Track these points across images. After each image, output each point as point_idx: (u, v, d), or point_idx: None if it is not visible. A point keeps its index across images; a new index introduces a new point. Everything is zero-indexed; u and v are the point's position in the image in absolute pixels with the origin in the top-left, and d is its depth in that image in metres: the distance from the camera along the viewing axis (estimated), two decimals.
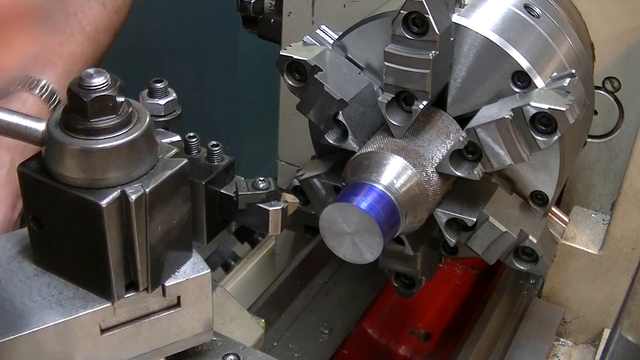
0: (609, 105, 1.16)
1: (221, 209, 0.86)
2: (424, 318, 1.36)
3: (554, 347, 1.26)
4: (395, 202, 0.88)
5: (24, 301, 0.80)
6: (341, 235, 0.87)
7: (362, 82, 0.97)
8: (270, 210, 0.84)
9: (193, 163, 0.84)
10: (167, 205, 0.78)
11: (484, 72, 0.93)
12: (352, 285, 1.38)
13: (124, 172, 0.75)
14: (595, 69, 1.14)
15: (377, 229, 0.84)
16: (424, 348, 1.31)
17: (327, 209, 0.86)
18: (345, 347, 1.27)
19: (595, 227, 1.23)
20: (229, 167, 0.86)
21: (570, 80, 0.88)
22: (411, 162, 0.90)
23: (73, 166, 0.74)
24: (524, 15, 0.99)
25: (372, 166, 0.90)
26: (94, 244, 0.76)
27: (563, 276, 1.24)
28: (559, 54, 0.99)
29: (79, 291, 0.81)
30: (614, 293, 1.20)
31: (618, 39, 1.12)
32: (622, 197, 1.14)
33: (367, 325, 1.33)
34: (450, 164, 0.90)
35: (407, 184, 0.89)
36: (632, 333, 1.02)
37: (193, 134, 0.86)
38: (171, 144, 0.83)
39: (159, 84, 0.88)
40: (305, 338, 1.26)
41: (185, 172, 0.79)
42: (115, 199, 0.74)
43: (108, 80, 0.74)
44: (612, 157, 1.20)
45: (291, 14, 1.34)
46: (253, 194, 0.84)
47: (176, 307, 0.85)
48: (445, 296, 1.41)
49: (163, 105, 0.88)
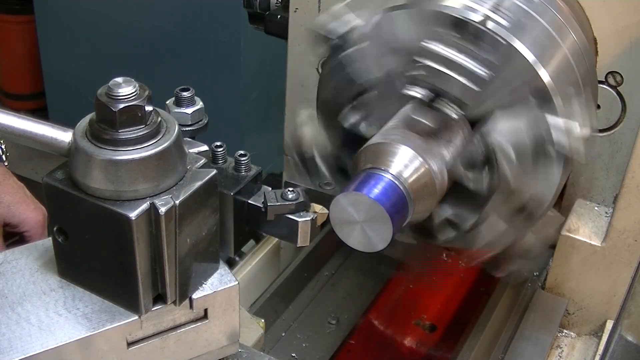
0: (611, 100, 1.17)
1: (249, 219, 0.85)
2: (430, 310, 1.37)
3: (557, 339, 1.27)
4: (404, 191, 0.88)
5: (50, 314, 0.79)
6: (351, 224, 0.87)
7: (388, 65, 0.97)
8: (299, 222, 0.82)
9: (220, 173, 0.82)
10: (196, 217, 0.77)
11: (512, 87, 0.92)
12: (359, 277, 1.41)
13: (153, 184, 0.73)
14: (598, 63, 1.15)
15: (387, 218, 0.85)
16: (430, 339, 1.32)
17: (337, 198, 0.86)
18: (351, 338, 1.29)
19: (598, 219, 1.25)
20: (257, 177, 0.84)
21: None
22: (420, 153, 0.91)
23: (101, 178, 0.72)
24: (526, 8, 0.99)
25: (381, 155, 0.91)
26: (121, 257, 0.75)
27: (566, 268, 1.25)
28: (563, 48, 0.99)
29: (105, 304, 0.80)
30: (617, 285, 1.21)
31: (621, 33, 1.13)
32: (624, 190, 1.15)
33: (373, 317, 1.35)
34: (463, 173, 0.93)
35: (415, 173, 0.90)
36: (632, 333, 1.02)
37: (220, 143, 0.85)
38: (199, 154, 0.82)
39: (186, 92, 0.86)
40: (313, 329, 1.29)
41: (214, 182, 0.78)
42: (145, 212, 0.73)
43: (137, 90, 0.72)
44: (615, 151, 1.21)
45: (297, 10, 1.34)
46: (282, 205, 0.82)
47: (203, 319, 0.84)
48: (450, 288, 1.42)
49: (190, 114, 0.86)
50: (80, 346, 0.77)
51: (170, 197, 0.73)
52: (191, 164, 0.78)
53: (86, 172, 0.73)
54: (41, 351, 0.75)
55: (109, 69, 2.96)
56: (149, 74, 2.75)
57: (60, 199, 0.76)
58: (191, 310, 0.82)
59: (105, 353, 0.79)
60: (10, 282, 0.82)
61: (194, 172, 0.77)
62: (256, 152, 0.92)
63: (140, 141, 0.73)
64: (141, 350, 0.81)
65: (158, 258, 0.76)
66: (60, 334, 0.77)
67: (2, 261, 0.84)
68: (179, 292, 0.79)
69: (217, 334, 0.86)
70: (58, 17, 3.29)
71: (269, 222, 0.83)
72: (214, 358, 0.88)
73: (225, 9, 2.78)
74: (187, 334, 0.84)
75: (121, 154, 0.72)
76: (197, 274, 0.81)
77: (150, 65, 3.03)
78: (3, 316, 0.77)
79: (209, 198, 0.78)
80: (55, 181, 0.76)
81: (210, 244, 0.81)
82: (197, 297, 0.82)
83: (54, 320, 0.78)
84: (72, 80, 3.35)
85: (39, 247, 0.86)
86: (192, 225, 0.76)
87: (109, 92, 0.72)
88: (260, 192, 0.85)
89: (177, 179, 0.75)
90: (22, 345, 0.75)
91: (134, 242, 0.73)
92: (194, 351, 0.85)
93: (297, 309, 1.32)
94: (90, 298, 0.81)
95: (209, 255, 0.82)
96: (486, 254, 1.06)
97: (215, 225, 0.80)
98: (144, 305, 0.78)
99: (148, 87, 0.74)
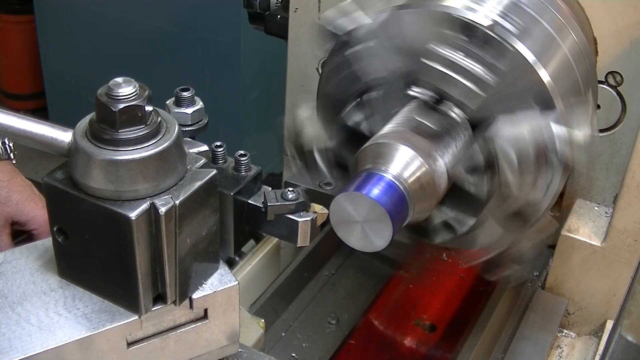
0: (611, 100, 1.17)
1: (249, 219, 0.85)
2: (430, 310, 1.38)
3: (557, 339, 1.27)
4: (404, 191, 0.88)
5: (50, 314, 0.78)
6: (351, 224, 0.87)
7: (394, 65, 0.97)
8: (299, 222, 0.82)
9: (220, 173, 0.82)
10: (196, 217, 0.77)
11: (516, 93, 0.93)
12: (359, 277, 1.41)
13: (153, 184, 0.73)
14: (598, 63, 1.15)
15: (387, 218, 0.85)
16: (430, 339, 1.32)
17: (337, 198, 0.87)
18: (352, 338, 1.29)
19: (598, 219, 1.25)
20: (257, 177, 0.84)
21: None
22: (420, 154, 0.91)
23: (101, 178, 0.72)
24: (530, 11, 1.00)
25: (382, 156, 0.91)
26: (122, 257, 0.75)
27: (566, 268, 1.25)
28: (563, 49, 1.00)
29: (105, 304, 0.80)
30: (617, 285, 1.21)
31: (621, 33, 1.13)
32: (624, 190, 1.15)
33: (373, 317, 1.35)
34: (464, 177, 0.93)
35: (415, 174, 0.90)
36: (632, 333, 1.02)
37: (220, 143, 0.85)
38: (199, 154, 0.81)
39: (186, 92, 0.86)
40: (313, 329, 1.29)
41: (214, 183, 0.78)
42: (145, 212, 0.73)
43: (137, 90, 0.72)
44: (615, 151, 1.22)
45: (297, 10, 1.34)
46: (282, 205, 0.82)
47: (203, 319, 0.84)
48: (450, 288, 1.42)
49: (190, 114, 0.86)
50: (80, 346, 0.77)
51: (170, 197, 0.73)
52: (191, 164, 0.78)
53: (86, 172, 0.73)
54: (41, 351, 0.75)
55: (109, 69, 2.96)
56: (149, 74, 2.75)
57: (60, 199, 0.76)
58: (191, 310, 0.82)
59: (105, 353, 0.79)
60: (10, 282, 0.82)
61: (194, 172, 0.77)
62: (256, 152, 0.92)
63: (140, 141, 0.72)
64: (141, 350, 0.81)
65: (158, 258, 0.76)
66: (60, 334, 0.76)
67: (2, 261, 0.84)
68: (179, 292, 0.79)
69: (217, 334, 0.86)
70: (58, 17, 3.29)
71: (269, 222, 0.83)
72: (214, 358, 0.88)
73: (225, 9, 2.79)
74: (187, 334, 0.84)
75: (121, 154, 0.72)
76: (197, 274, 0.81)
77: (150, 65, 3.04)
78: (3, 316, 0.77)
79: (209, 198, 0.78)
80: (55, 181, 0.76)
81: (210, 244, 0.81)
82: (197, 297, 0.81)
83: (54, 320, 0.78)
84: (72, 80, 3.35)
85: (39, 247, 0.86)
86: (192, 225, 0.76)
87: (109, 92, 0.72)
88: (260, 192, 0.85)
89: (177, 179, 0.75)
90: (22, 345, 0.75)
91: (134, 242, 0.73)
92: (194, 351, 0.85)
93: (297, 309, 1.32)
94: (90, 298, 0.80)
95: (209, 255, 0.81)
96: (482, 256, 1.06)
97: (215, 225, 0.80)
98: (144, 305, 0.78)
99: (148, 87, 0.74)
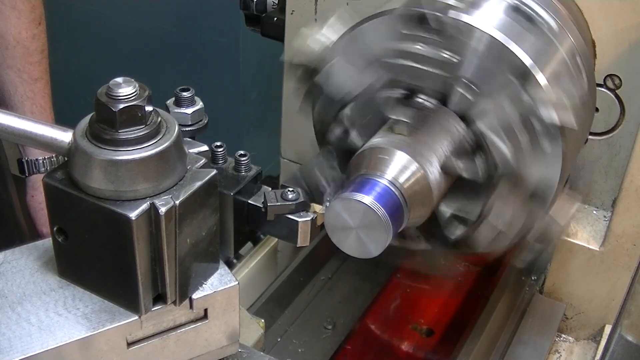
0: (610, 103, 1.17)
1: (249, 220, 0.85)
2: (427, 314, 1.37)
3: (555, 343, 1.27)
4: (400, 196, 0.88)
5: (50, 314, 0.78)
6: (346, 230, 0.87)
7: (368, 76, 0.97)
8: (299, 222, 0.82)
9: (220, 173, 0.82)
10: (196, 217, 0.77)
11: (488, 69, 0.92)
12: (356, 282, 1.40)
13: (153, 184, 0.73)
14: (596, 66, 1.15)
15: (382, 224, 0.85)
16: (427, 344, 1.32)
17: (331, 203, 0.86)
18: (348, 343, 1.29)
19: (597, 223, 1.24)
20: (257, 177, 0.85)
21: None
22: (415, 158, 0.90)
23: (101, 178, 0.72)
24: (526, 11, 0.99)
25: (376, 161, 0.91)
26: (122, 257, 0.75)
27: (564, 272, 1.25)
28: (561, 51, 0.99)
29: (105, 304, 0.80)
30: (615, 289, 1.21)
31: (619, 36, 1.12)
32: (623, 194, 1.15)
33: (370, 321, 1.35)
34: (455, 164, 0.91)
35: (411, 178, 0.90)
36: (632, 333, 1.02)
37: (220, 143, 0.85)
38: (198, 154, 0.81)
39: (186, 92, 0.86)
40: (309, 333, 1.28)
41: (214, 183, 0.78)
42: (145, 212, 0.73)
43: (137, 90, 0.72)
44: (614, 154, 1.21)
45: (294, 12, 1.34)
46: (282, 205, 0.82)
47: (203, 319, 0.84)
48: (447, 293, 1.42)
49: (190, 114, 0.86)
50: (80, 346, 0.77)
51: (170, 197, 0.73)
52: (191, 164, 0.78)
53: (86, 172, 0.73)
54: (41, 351, 0.75)
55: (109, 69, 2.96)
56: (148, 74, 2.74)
57: (60, 199, 0.76)
58: (191, 310, 0.82)
59: (105, 353, 0.79)
60: (10, 282, 0.81)
61: (194, 172, 0.77)
62: (256, 152, 0.92)
63: (140, 141, 0.72)
64: (141, 350, 0.81)
65: (158, 258, 0.76)
66: (60, 334, 0.76)
67: (2, 261, 0.84)
68: (179, 292, 0.79)
69: (217, 334, 0.86)
70: (58, 17, 3.28)
71: (269, 222, 0.84)
72: (214, 358, 0.88)
73: (224, 10, 2.79)
74: (187, 334, 0.84)
75: (121, 154, 0.72)
76: (197, 274, 0.81)
77: (150, 65, 3.03)
78: (3, 316, 0.77)
79: (209, 198, 0.78)
80: (55, 181, 0.76)
81: (210, 244, 0.81)
82: (197, 297, 0.81)
83: (54, 320, 0.78)
84: (72, 80, 3.35)
85: (39, 247, 0.86)
86: (192, 225, 0.76)
87: (109, 92, 0.72)
88: (260, 192, 0.85)
89: (177, 179, 0.75)
90: (22, 345, 0.75)
91: (134, 242, 0.73)
92: (193, 351, 0.85)
93: (293, 314, 1.31)
94: (90, 298, 0.80)
95: (209, 255, 0.82)
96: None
97: (215, 225, 0.80)
98: (144, 305, 0.78)
99: (148, 87, 0.74)
